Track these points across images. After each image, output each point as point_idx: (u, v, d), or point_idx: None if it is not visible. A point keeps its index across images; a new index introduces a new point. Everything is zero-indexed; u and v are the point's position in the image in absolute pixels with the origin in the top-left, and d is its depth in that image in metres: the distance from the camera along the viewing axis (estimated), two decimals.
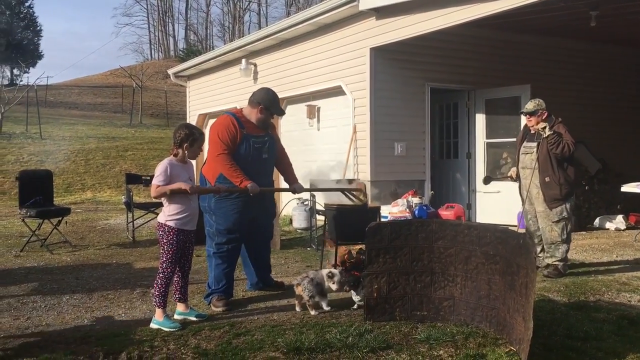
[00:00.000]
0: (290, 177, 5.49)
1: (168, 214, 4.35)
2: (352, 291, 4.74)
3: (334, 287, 4.70)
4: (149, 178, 9.24)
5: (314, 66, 10.23)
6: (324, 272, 4.80)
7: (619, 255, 7.14)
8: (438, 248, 4.33)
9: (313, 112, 10.55)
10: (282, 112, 5.45)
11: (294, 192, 5.56)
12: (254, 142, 5.06)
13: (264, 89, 5.30)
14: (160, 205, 4.51)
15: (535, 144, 6.07)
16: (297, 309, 4.68)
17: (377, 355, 3.63)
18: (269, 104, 5.13)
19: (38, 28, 45.31)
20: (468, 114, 9.86)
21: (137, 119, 29.19)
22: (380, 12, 8.62)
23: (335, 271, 4.80)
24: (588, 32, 9.61)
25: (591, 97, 11.06)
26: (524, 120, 6.45)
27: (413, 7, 8.00)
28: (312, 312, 4.57)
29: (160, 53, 58.95)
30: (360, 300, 4.66)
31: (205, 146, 4.75)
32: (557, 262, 5.91)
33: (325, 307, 4.65)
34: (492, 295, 4.06)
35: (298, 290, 4.64)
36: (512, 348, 3.69)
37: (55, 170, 12.53)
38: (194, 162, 4.82)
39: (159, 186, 4.29)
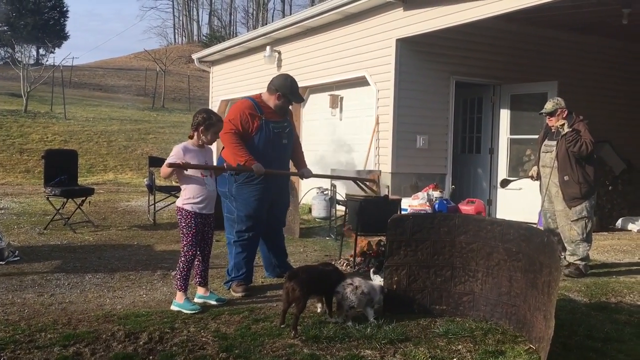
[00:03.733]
0: (300, 162, 5.45)
1: (184, 197, 4.39)
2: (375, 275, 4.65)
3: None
4: None
5: (338, 55, 10.19)
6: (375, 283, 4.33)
7: None
8: (460, 243, 4.31)
9: (336, 102, 10.52)
10: (299, 100, 5.39)
11: (301, 177, 5.50)
12: (274, 127, 5.05)
13: (282, 76, 5.26)
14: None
15: (555, 143, 6.01)
16: (339, 319, 4.07)
17: (396, 347, 3.63)
18: (286, 91, 5.09)
19: (64, 9, 45.78)
20: (492, 108, 9.76)
21: (159, 102, 29.40)
22: (408, 3, 8.54)
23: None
24: (620, 30, 9.45)
25: (620, 96, 10.88)
26: None
27: None
28: (349, 323, 3.99)
29: (183, 38, 59.21)
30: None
31: None
32: (578, 262, 5.86)
33: (371, 319, 4.08)
34: (513, 292, 4.04)
35: (337, 298, 4.10)
36: (531, 346, 3.68)
37: (79, 150, 12.67)
38: (214, 147, 4.80)
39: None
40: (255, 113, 4.96)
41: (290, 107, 5.29)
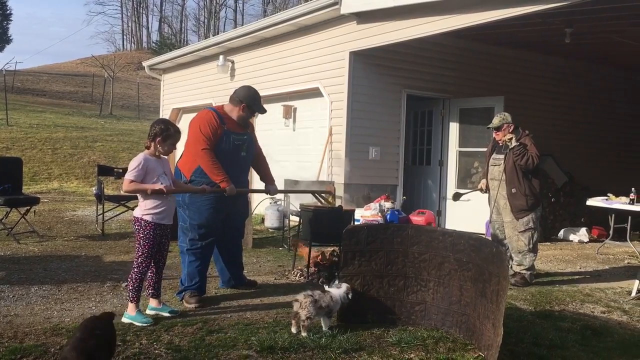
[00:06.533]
0: (267, 177, 5.49)
1: (144, 208, 4.32)
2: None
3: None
4: (120, 170, 9.12)
5: (292, 66, 10.25)
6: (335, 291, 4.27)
7: (582, 267, 7.35)
8: (413, 253, 4.40)
9: (289, 112, 10.56)
10: (263, 111, 5.42)
11: (268, 194, 5.59)
12: (235, 139, 5.06)
13: (246, 87, 5.28)
14: (132, 198, 4.47)
15: (503, 156, 6.22)
16: (293, 329, 4.08)
17: (350, 356, 3.67)
18: (251, 102, 5.13)
19: (8, 12, 44.28)
20: (442, 122, 10.00)
21: (107, 109, 28.75)
22: (361, 17, 8.69)
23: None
24: (563, 49, 9.86)
25: (563, 112, 11.35)
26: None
27: (394, 14, 8.10)
28: (304, 334, 3.98)
29: (132, 44, 58.21)
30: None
31: (181, 141, 4.71)
32: (524, 271, 6.06)
33: (325, 328, 4.13)
34: (463, 301, 4.16)
35: (295, 307, 4.08)
36: (480, 354, 3.78)
37: (22, 158, 12.22)
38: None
39: (132, 181, 4.25)
40: (219, 124, 4.97)
41: (250, 120, 5.32)
